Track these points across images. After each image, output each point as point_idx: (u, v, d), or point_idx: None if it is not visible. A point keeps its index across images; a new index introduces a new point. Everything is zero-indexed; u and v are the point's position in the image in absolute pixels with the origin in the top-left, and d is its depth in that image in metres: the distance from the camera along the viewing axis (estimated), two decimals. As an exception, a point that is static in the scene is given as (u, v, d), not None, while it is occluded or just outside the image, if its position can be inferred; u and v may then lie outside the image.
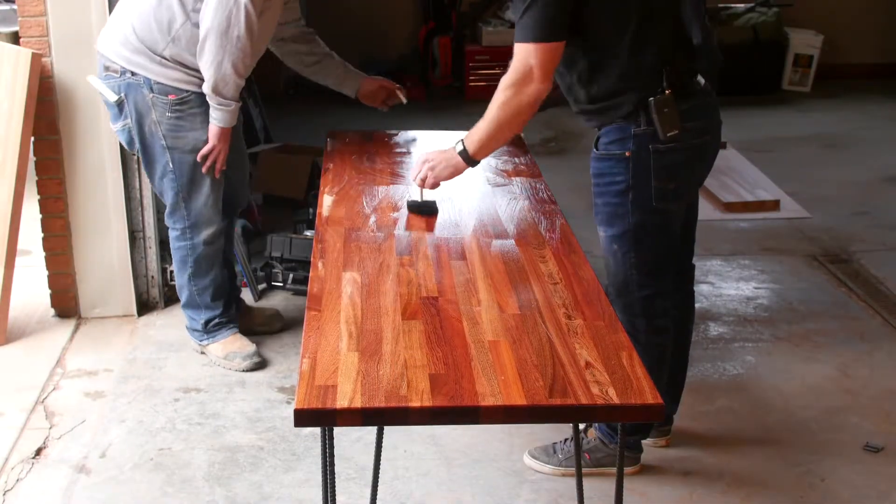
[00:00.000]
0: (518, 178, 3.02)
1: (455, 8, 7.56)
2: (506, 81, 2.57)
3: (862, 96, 7.44)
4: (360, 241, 2.53)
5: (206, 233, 3.40)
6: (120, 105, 3.26)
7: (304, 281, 3.99)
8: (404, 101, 3.33)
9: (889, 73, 7.90)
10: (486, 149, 2.66)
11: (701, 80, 2.69)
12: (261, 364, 3.52)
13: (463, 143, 2.65)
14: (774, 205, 5.20)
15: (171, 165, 3.29)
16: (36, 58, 3.55)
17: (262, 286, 4.13)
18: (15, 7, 3.93)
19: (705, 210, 5.08)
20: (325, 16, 7.54)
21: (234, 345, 3.52)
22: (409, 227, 2.64)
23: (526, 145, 3.35)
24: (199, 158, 3.25)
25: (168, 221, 3.45)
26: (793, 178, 5.60)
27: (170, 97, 3.20)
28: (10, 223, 3.62)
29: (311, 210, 4.44)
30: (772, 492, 2.90)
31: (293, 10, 3.50)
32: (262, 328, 3.78)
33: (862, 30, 7.85)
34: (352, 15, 7.47)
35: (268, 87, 6.25)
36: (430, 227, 2.65)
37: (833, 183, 5.59)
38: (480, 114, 2.63)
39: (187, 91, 3.21)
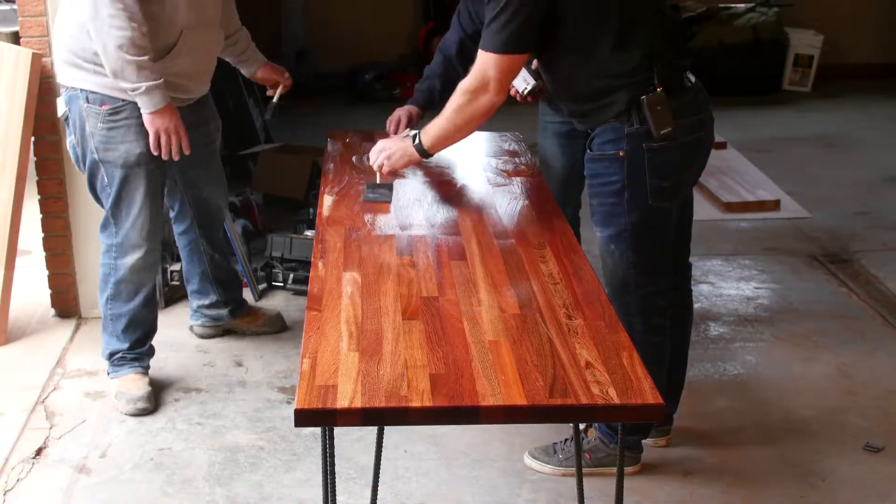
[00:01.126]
0: (518, 178, 3.02)
1: (455, 8, 7.55)
2: (463, 86, 2.63)
3: (862, 96, 7.45)
4: (360, 241, 2.53)
5: (131, 257, 3.23)
6: (67, 120, 3.18)
7: (305, 281, 3.99)
8: (274, 99, 3.42)
9: (889, 73, 7.90)
10: (439, 146, 2.76)
11: (691, 76, 2.69)
12: (147, 410, 3.24)
13: (419, 136, 2.73)
14: (774, 205, 5.20)
15: (105, 180, 3.16)
16: (36, 58, 3.55)
17: (262, 286, 4.13)
18: (15, 7, 3.93)
19: (705, 210, 5.08)
20: (325, 15, 7.56)
21: (127, 384, 3.29)
22: (365, 209, 2.71)
23: (526, 145, 3.36)
24: (152, 149, 3.08)
25: (100, 235, 3.30)
26: (793, 178, 5.60)
27: (103, 107, 3.06)
28: (10, 223, 3.62)
29: (311, 210, 4.44)
30: (772, 492, 2.90)
31: None
32: (263, 329, 3.77)
33: (862, 30, 7.86)
34: (352, 14, 7.47)
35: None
36: (384, 210, 2.72)
37: (833, 183, 5.59)
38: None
39: (122, 101, 3.05)
